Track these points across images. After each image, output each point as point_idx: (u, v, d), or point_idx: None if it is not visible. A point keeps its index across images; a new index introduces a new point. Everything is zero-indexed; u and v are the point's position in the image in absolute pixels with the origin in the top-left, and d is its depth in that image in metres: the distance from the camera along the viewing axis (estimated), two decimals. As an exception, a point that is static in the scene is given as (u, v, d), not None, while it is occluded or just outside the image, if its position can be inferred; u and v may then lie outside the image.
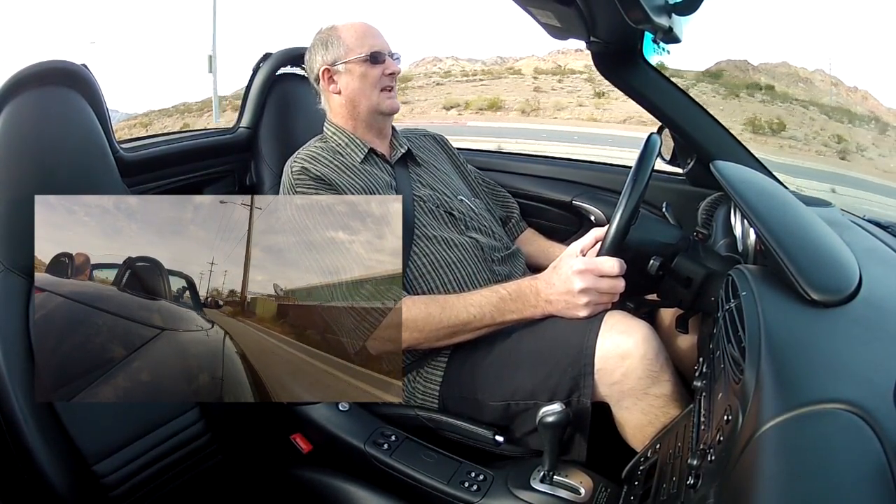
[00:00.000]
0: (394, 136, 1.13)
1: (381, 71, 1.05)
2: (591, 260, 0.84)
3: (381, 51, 1.06)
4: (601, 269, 0.83)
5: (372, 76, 1.05)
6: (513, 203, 1.28)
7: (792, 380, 0.47)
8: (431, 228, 1.01)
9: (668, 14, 0.82)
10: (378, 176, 1.04)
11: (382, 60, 1.06)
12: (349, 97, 1.07)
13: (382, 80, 1.06)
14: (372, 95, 1.06)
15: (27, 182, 0.83)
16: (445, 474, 0.83)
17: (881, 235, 0.82)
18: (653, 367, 0.80)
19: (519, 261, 1.10)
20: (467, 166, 1.25)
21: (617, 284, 0.84)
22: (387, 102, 1.07)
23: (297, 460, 0.96)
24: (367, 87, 1.06)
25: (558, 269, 0.87)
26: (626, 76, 1.10)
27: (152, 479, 0.85)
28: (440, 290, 0.96)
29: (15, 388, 0.76)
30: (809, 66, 15.96)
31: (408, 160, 1.12)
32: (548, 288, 0.87)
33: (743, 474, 0.42)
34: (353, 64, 1.05)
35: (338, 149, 1.06)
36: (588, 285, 0.83)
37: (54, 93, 0.89)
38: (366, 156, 1.06)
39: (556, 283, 0.86)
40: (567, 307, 0.85)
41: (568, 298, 0.85)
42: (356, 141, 1.07)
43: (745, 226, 0.88)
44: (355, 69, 1.05)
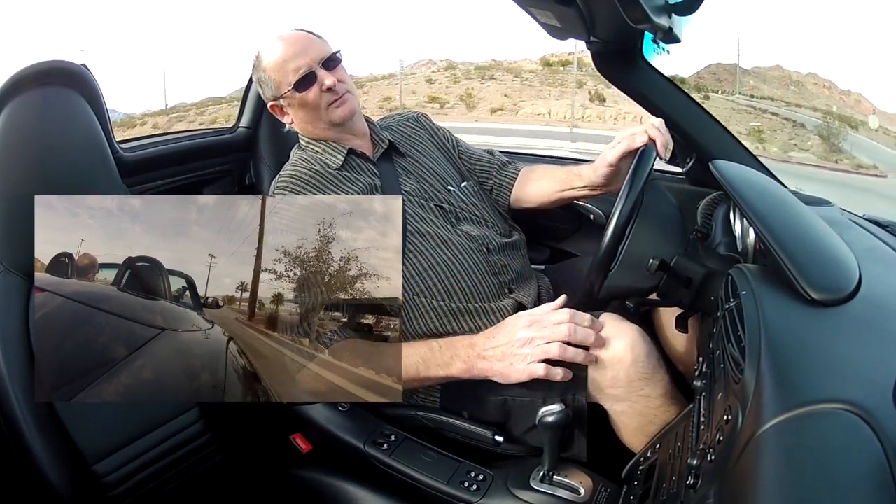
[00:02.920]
0: (373, 132, 1.09)
1: (318, 90, 0.99)
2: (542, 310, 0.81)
3: (307, 70, 0.98)
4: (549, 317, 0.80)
5: (310, 101, 0.99)
6: (492, 162, 1.18)
7: (792, 379, 0.47)
8: (424, 223, 0.99)
9: (668, 14, 0.82)
10: (357, 180, 1.01)
11: (313, 80, 0.98)
12: (304, 124, 1.04)
13: (323, 98, 0.99)
14: (320, 115, 1.01)
15: (27, 182, 0.83)
16: (445, 474, 0.83)
17: (881, 234, 0.82)
18: (645, 369, 0.80)
19: (519, 248, 1.08)
20: (450, 142, 1.18)
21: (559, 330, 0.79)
22: (336, 112, 1.01)
23: (296, 460, 0.96)
24: (312, 111, 1.01)
25: (502, 323, 0.85)
26: (626, 76, 1.10)
27: (152, 479, 0.85)
28: (437, 286, 0.95)
29: (15, 388, 0.76)
30: (803, 70, 16.04)
31: (392, 153, 1.08)
32: (486, 342, 0.82)
33: (743, 474, 0.42)
34: (287, 97, 1.01)
35: (316, 156, 1.03)
36: (532, 334, 0.79)
37: (54, 93, 0.89)
38: (345, 159, 1.02)
39: (498, 336, 0.82)
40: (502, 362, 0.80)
41: (505, 350, 0.80)
42: (332, 146, 1.03)
43: (744, 225, 0.88)
44: (293, 101, 1.01)
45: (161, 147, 1.29)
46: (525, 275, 1.06)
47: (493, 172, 1.16)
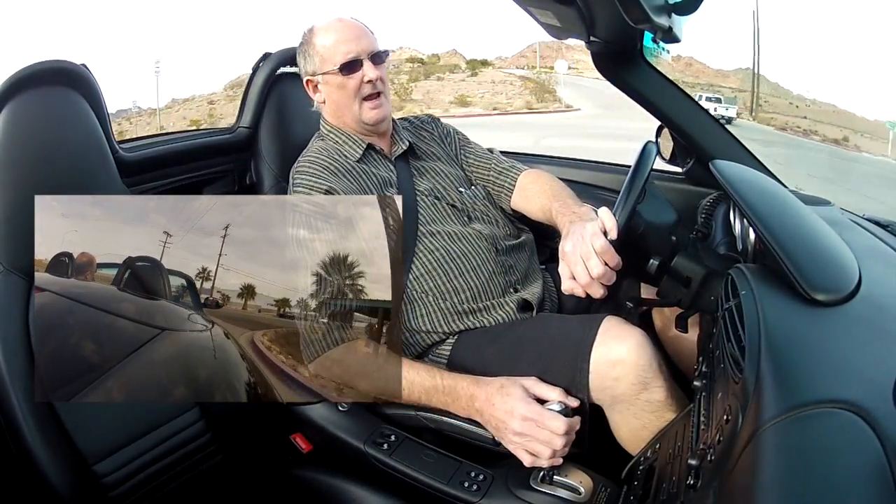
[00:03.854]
0: (395, 131, 1.10)
1: (359, 80, 1.00)
2: (540, 411, 0.78)
3: (356, 57, 0.99)
4: (546, 424, 0.77)
5: (349, 87, 1.00)
6: (490, 168, 1.15)
7: (792, 379, 0.47)
8: (435, 223, 1.00)
9: (668, 14, 0.82)
10: (375, 174, 1.02)
11: (358, 68, 0.99)
12: (333, 108, 1.04)
13: (362, 89, 1.00)
14: (353, 106, 1.02)
15: (27, 182, 0.83)
16: (445, 474, 0.83)
17: (881, 234, 0.82)
18: (645, 374, 0.80)
19: (526, 249, 1.09)
20: (455, 146, 1.18)
21: (553, 441, 0.77)
22: (370, 114, 1.02)
23: (296, 460, 0.96)
24: (346, 98, 1.01)
25: (504, 393, 0.81)
26: (625, 76, 1.09)
27: (152, 479, 0.85)
28: (447, 284, 0.96)
29: (15, 388, 0.76)
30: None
31: (409, 154, 1.09)
32: (485, 404, 0.82)
33: (743, 474, 0.42)
34: (328, 76, 1.01)
35: (335, 146, 1.04)
36: (525, 431, 0.78)
37: (54, 93, 0.89)
38: (364, 153, 1.04)
39: (497, 405, 0.81)
40: (492, 425, 0.82)
41: (500, 427, 0.80)
42: (353, 138, 1.05)
43: (744, 225, 0.88)
44: (332, 80, 1.01)
45: (161, 147, 1.28)
46: (532, 274, 1.07)
47: (490, 177, 1.15)
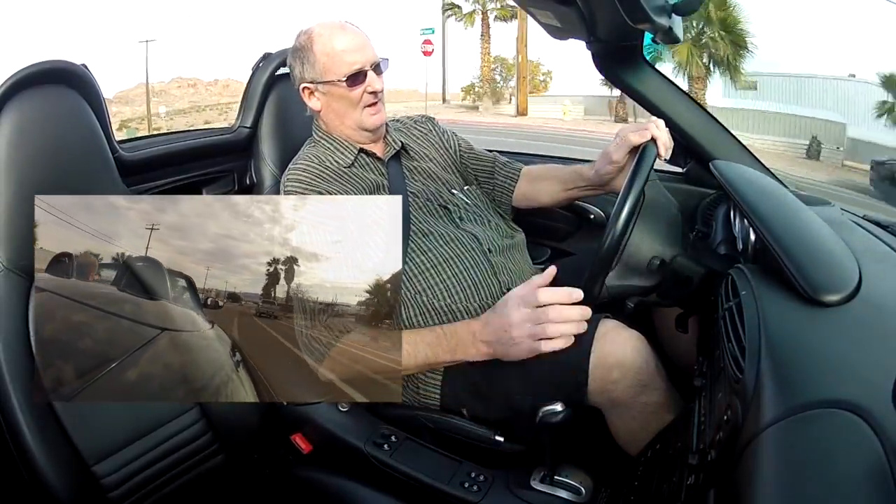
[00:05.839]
0: (387, 134, 1.10)
1: (363, 91, 0.99)
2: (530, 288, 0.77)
3: (361, 69, 0.98)
4: (538, 297, 0.76)
5: (353, 98, 0.99)
6: (493, 162, 1.17)
7: (792, 379, 0.47)
8: (426, 224, 1.00)
9: (668, 14, 0.82)
10: (365, 178, 1.02)
11: (363, 80, 0.98)
12: (332, 115, 1.04)
13: (365, 99, 1.00)
14: (354, 114, 1.01)
15: (27, 182, 0.83)
16: (445, 474, 0.83)
17: (881, 234, 0.82)
18: (643, 377, 0.80)
19: (519, 249, 1.09)
20: (453, 146, 1.17)
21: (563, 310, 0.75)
22: (370, 120, 1.01)
23: (297, 460, 0.96)
24: (348, 107, 1.01)
25: (496, 307, 0.82)
26: (625, 76, 1.09)
27: (152, 480, 0.85)
28: (439, 286, 0.96)
29: (15, 389, 0.76)
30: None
31: (401, 155, 1.09)
32: (483, 328, 0.82)
33: (743, 474, 0.42)
34: (331, 86, 1.00)
35: (327, 153, 1.03)
36: (523, 318, 0.77)
37: (54, 93, 0.89)
38: (355, 158, 1.03)
39: (492, 320, 0.81)
40: (501, 345, 0.80)
41: (500, 335, 0.79)
42: (344, 144, 1.04)
43: (744, 225, 0.88)
44: (335, 91, 1.00)
45: (161, 147, 1.28)
46: (525, 274, 1.06)
47: (494, 173, 1.16)
